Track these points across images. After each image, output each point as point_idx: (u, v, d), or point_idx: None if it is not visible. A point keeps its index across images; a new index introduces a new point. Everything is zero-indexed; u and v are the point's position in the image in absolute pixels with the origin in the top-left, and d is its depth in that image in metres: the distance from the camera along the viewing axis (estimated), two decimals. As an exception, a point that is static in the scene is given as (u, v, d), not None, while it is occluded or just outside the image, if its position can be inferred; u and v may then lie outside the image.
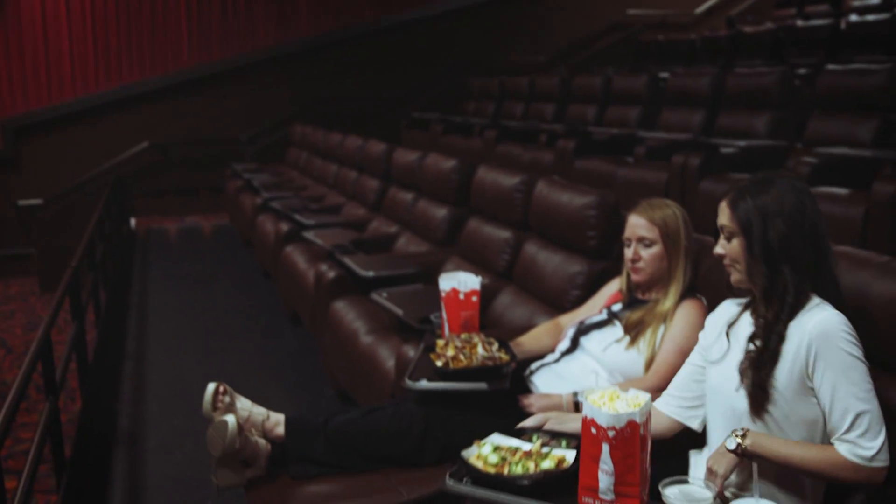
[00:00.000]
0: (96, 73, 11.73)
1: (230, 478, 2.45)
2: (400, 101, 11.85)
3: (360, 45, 12.24)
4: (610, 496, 1.80)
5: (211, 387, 2.51)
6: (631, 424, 1.75)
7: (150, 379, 5.08)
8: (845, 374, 1.80)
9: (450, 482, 2.01)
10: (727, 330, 2.08)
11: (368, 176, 6.56)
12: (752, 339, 1.95)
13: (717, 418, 2.05)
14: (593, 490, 1.81)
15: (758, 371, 1.89)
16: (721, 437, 1.99)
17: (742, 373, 1.94)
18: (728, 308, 2.15)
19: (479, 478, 1.99)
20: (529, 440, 2.12)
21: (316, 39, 12.25)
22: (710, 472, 1.84)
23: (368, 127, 9.23)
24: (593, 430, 1.78)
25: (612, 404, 1.79)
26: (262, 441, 2.51)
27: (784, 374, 1.87)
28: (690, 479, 1.74)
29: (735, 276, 2.00)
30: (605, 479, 1.79)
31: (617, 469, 1.78)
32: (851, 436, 1.77)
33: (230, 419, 2.38)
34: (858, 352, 1.83)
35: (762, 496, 1.75)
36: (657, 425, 2.14)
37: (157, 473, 3.83)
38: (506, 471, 1.98)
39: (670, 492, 1.70)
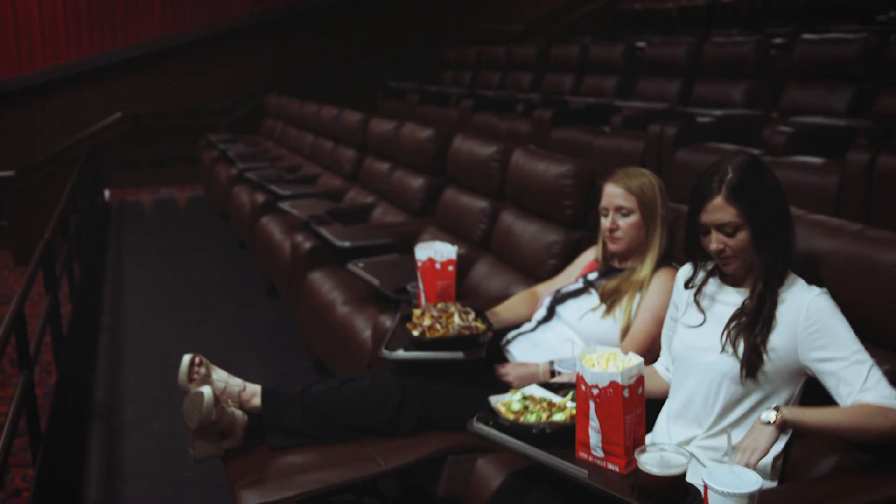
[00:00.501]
0: (67, 42, 11.55)
1: (207, 449, 2.44)
2: (376, 70, 11.76)
3: (336, 15, 12.12)
4: (600, 453, 1.84)
5: (186, 358, 2.50)
6: (613, 385, 1.77)
7: (125, 352, 5.05)
8: (849, 339, 1.88)
9: (476, 424, 2.06)
10: (696, 297, 2.12)
11: (344, 146, 6.52)
12: (744, 310, 1.99)
13: (688, 377, 2.08)
14: (586, 445, 1.86)
15: (752, 336, 1.94)
16: (692, 396, 2.06)
17: (730, 338, 1.98)
18: (687, 273, 2.18)
19: (495, 422, 2.05)
20: (566, 395, 2.15)
21: (291, 8, 12.13)
22: (741, 451, 1.82)
23: (344, 97, 9.17)
24: (583, 387, 1.83)
25: (605, 364, 1.82)
26: (238, 412, 2.50)
27: (777, 340, 1.93)
28: (666, 446, 1.76)
29: (735, 265, 2.00)
30: (594, 436, 1.84)
31: (602, 427, 1.82)
32: (870, 383, 1.83)
33: (206, 390, 2.37)
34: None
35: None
36: (659, 389, 2.22)
37: (133, 446, 3.82)
38: (522, 419, 2.03)
39: (646, 458, 1.71)
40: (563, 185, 3.31)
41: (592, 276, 2.74)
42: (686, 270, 2.19)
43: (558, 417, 2.01)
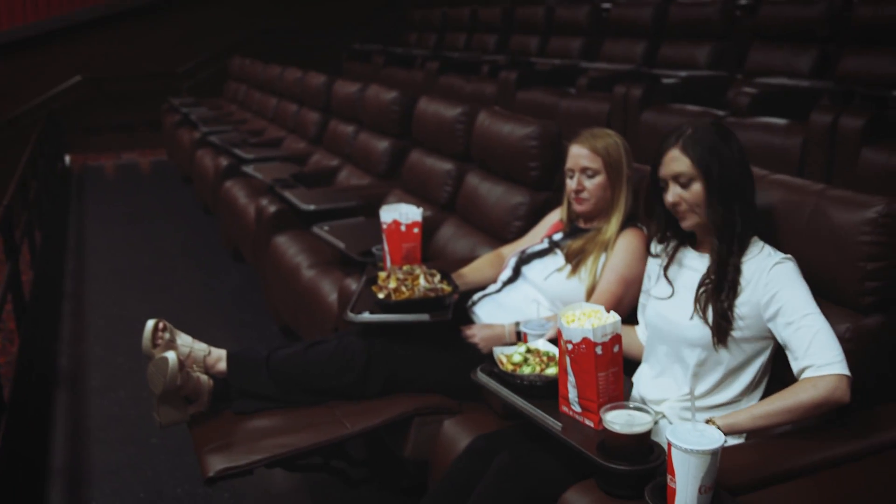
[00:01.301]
0: (23, 4, 11.28)
1: (172, 415, 2.43)
2: (340, 32, 11.62)
3: (300, -25, 11.95)
4: (577, 408, 1.87)
5: (150, 324, 2.47)
6: (586, 342, 1.79)
7: (89, 319, 5.00)
8: (802, 304, 1.89)
9: (480, 374, 2.15)
10: (664, 272, 2.14)
11: (309, 109, 6.45)
12: (708, 273, 2.00)
13: (661, 345, 2.11)
14: (567, 399, 1.89)
15: (719, 302, 1.96)
16: (666, 363, 2.09)
17: (700, 305, 1.99)
18: (657, 246, 2.21)
19: (493, 372, 2.13)
20: None
21: (254, -31, 11.93)
22: None
23: (309, 59, 9.06)
24: (561, 343, 1.85)
25: (583, 321, 1.83)
26: (204, 377, 2.49)
27: (743, 306, 1.95)
28: (634, 404, 1.77)
29: (692, 221, 2.03)
30: (571, 391, 1.87)
31: (578, 383, 1.85)
32: (814, 349, 1.83)
33: (170, 356, 2.35)
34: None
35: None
36: (637, 351, 2.26)
37: (99, 413, 3.80)
38: (518, 370, 2.07)
39: (612, 416, 1.73)
40: (529, 147, 3.30)
41: (558, 236, 2.74)
42: (656, 243, 2.21)
43: (551, 371, 2.04)
